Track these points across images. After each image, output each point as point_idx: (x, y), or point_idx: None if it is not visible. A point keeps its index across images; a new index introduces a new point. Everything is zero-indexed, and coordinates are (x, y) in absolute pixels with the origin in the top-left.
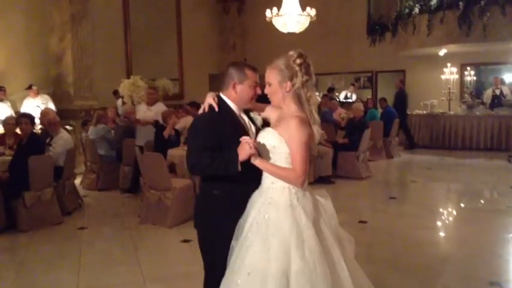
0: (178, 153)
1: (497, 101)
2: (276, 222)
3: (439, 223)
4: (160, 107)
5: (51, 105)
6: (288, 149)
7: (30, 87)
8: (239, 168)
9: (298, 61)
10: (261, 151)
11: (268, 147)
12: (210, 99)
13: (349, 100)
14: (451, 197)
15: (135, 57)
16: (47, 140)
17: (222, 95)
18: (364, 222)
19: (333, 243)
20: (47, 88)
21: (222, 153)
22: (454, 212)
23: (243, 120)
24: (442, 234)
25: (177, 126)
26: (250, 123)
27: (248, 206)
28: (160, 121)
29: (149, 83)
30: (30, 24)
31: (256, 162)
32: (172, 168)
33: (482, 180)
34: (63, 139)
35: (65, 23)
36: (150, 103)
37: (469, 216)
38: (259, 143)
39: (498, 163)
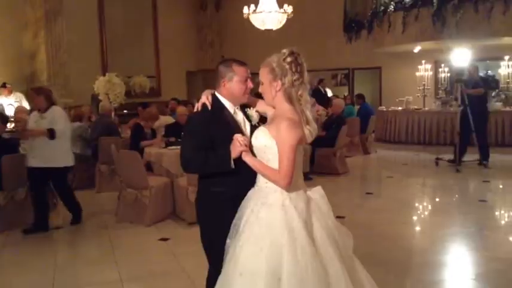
0: (155, 151)
1: None
2: (268, 223)
3: (414, 218)
4: (56, 113)
5: (25, 104)
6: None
7: (4, 86)
8: (232, 165)
9: (288, 59)
10: (255, 150)
11: (260, 146)
12: (204, 98)
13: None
14: (426, 191)
15: (111, 54)
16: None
17: (216, 93)
18: (342, 217)
19: (326, 243)
20: (20, 86)
21: (215, 151)
22: (429, 207)
23: (238, 117)
24: (417, 228)
25: (154, 125)
26: (245, 120)
27: (243, 204)
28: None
29: (125, 80)
30: (3, 20)
31: (246, 158)
32: (149, 167)
33: (456, 175)
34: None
35: (38, 20)
36: (42, 109)
37: (443, 210)
38: (252, 141)
39: (471, 158)
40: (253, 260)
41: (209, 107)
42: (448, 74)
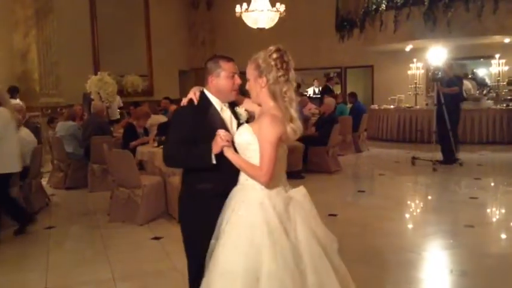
0: (147, 150)
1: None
2: (247, 222)
3: (406, 215)
4: None
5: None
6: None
7: None
8: (213, 161)
9: (274, 56)
10: (238, 147)
11: (243, 143)
12: (191, 94)
13: (319, 95)
14: (417, 189)
15: (102, 53)
16: None
17: (204, 90)
18: (334, 215)
19: (308, 243)
20: (12, 85)
21: (197, 146)
22: (421, 204)
23: (224, 114)
24: (409, 225)
25: (146, 124)
26: (233, 118)
27: (226, 203)
28: None
29: (117, 79)
30: None
31: (228, 154)
32: (141, 166)
33: (449, 172)
34: (22, 138)
35: (29, 19)
36: None
37: (435, 207)
38: (235, 138)
39: (462, 156)
40: (232, 259)
41: (195, 103)
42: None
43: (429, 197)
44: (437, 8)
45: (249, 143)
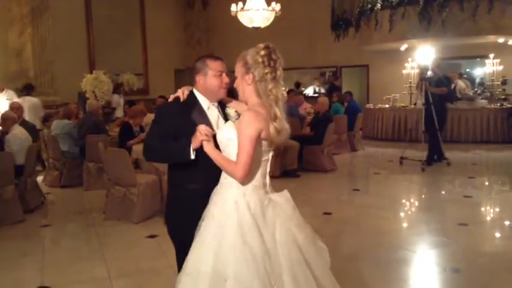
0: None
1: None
2: (219, 221)
3: (401, 213)
4: None
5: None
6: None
7: None
8: (192, 155)
9: (262, 53)
10: (220, 143)
11: (224, 139)
12: (178, 92)
13: (316, 95)
14: (412, 188)
15: (98, 51)
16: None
17: (193, 89)
18: (329, 213)
19: (287, 249)
20: (7, 84)
21: (177, 141)
22: (416, 203)
23: (211, 113)
24: (403, 223)
25: (142, 123)
26: (220, 118)
27: (209, 201)
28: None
29: (113, 77)
30: None
31: (207, 148)
32: (137, 164)
33: (443, 171)
34: (16, 137)
35: (24, 17)
36: None
37: (429, 206)
38: (217, 134)
39: (457, 155)
40: (201, 259)
41: (181, 100)
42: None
43: (423, 196)
44: (432, 7)
45: (229, 139)
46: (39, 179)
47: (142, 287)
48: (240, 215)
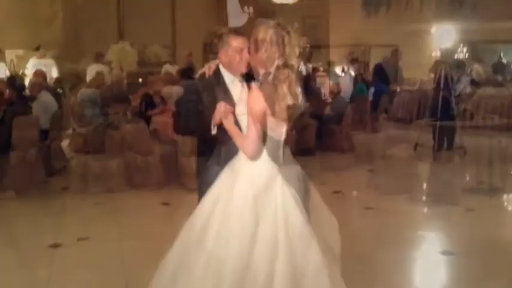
0: (161, 119)
1: None
2: (227, 193)
3: (410, 196)
4: None
5: (54, 70)
6: None
7: (37, 49)
8: (214, 131)
9: (271, 30)
10: (236, 117)
11: (239, 115)
12: (205, 67)
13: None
14: (425, 172)
15: (127, 22)
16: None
17: (219, 64)
18: (338, 191)
19: (283, 239)
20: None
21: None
22: (425, 185)
23: (235, 86)
24: (409, 205)
25: (166, 94)
26: (244, 91)
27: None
28: None
29: (140, 49)
30: None
31: (226, 124)
32: (155, 134)
33: (455, 160)
34: (40, 101)
35: None
36: None
37: (440, 191)
38: (236, 110)
39: (480, 142)
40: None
41: (207, 76)
42: (467, 55)
43: (435, 180)
44: None
45: (243, 113)
46: (65, 143)
47: (150, 251)
48: (246, 188)
